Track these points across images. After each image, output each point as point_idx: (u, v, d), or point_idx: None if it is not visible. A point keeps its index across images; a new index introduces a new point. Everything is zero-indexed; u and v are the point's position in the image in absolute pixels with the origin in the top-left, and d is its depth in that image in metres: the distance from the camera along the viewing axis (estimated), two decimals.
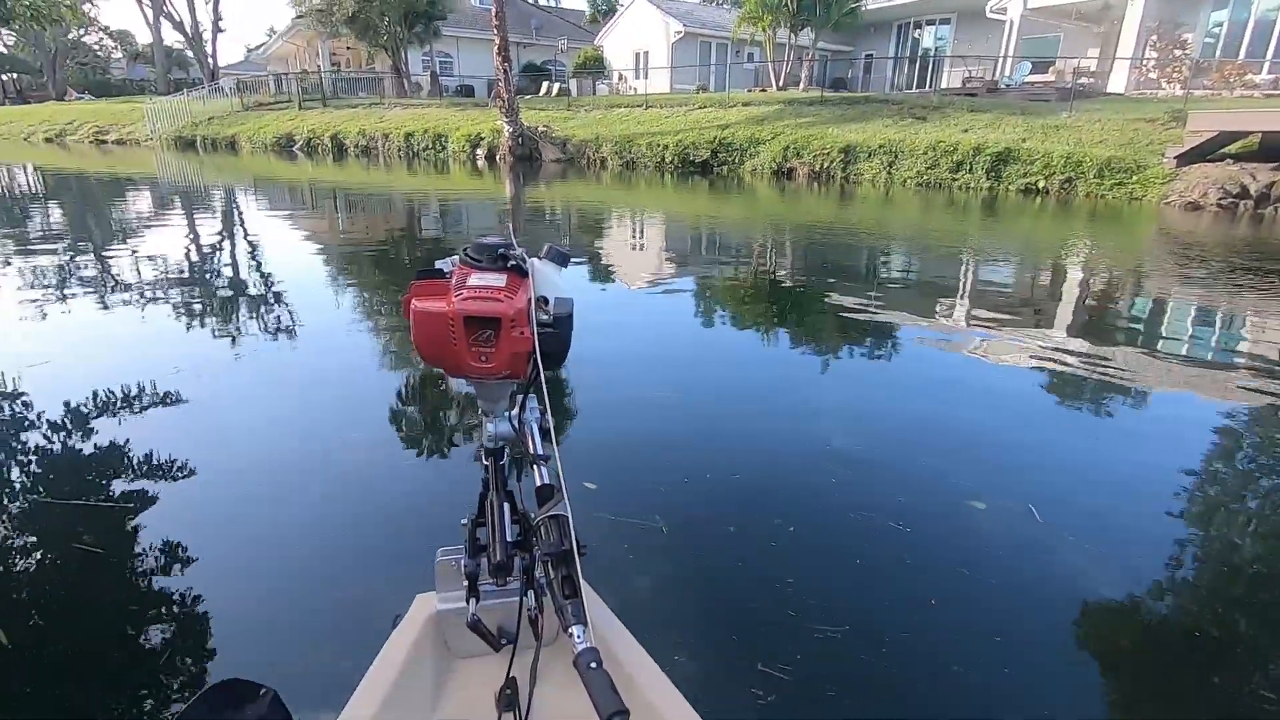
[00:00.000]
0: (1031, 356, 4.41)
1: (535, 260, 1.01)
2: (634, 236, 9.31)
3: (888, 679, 1.85)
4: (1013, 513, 2.60)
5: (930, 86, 22.84)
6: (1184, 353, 4.65)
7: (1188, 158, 12.33)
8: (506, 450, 1.15)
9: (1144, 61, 19.39)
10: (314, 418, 3.39)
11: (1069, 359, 4.36)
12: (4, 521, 2.44)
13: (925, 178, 14.59)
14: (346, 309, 5.35)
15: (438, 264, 0.98)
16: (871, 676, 1.86)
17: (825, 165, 15.72)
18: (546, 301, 0.96)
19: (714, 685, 1.84)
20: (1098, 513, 2.64)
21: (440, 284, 0.93)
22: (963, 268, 7.55)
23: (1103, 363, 4.30)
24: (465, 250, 0.99)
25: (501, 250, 0.97)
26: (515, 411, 1.11)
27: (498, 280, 0.93)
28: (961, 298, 6.11)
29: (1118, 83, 19.85)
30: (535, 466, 1.04)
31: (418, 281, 0.93)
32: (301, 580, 2.21)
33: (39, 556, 2.26)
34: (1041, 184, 13.34)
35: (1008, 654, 1.94)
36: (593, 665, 0.77)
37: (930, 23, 26.34)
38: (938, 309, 5.66)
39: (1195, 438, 3.36)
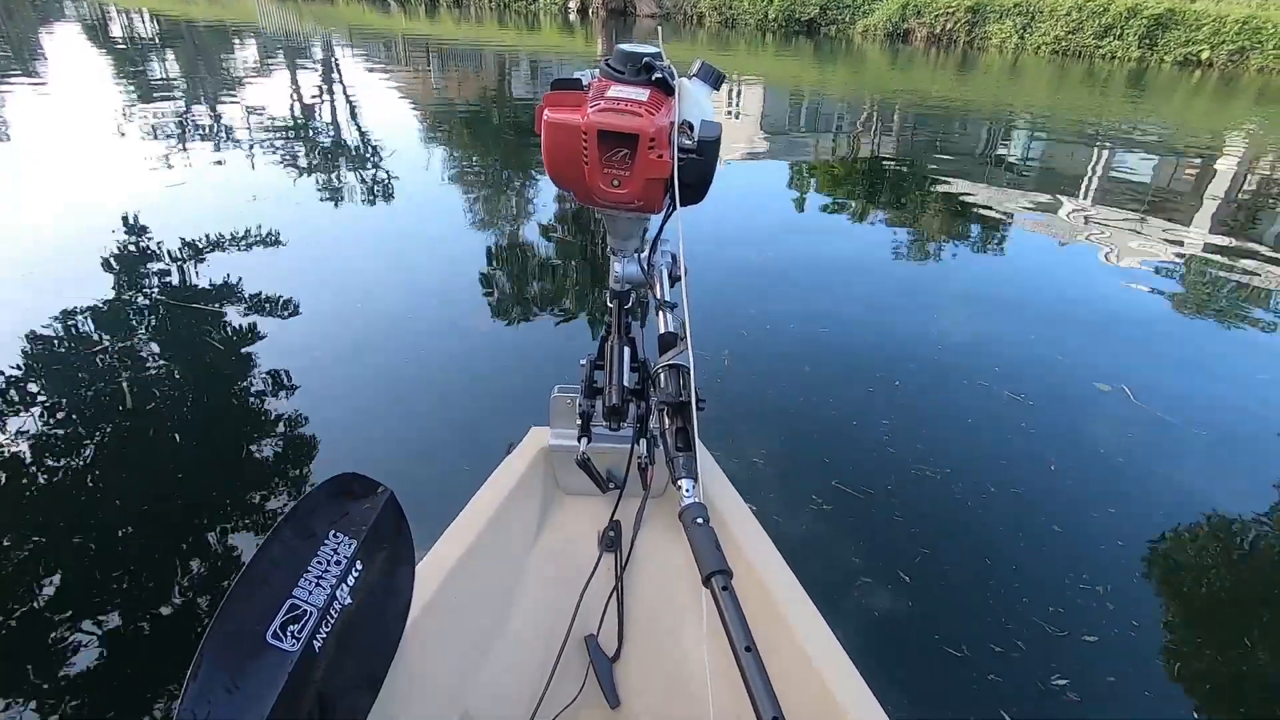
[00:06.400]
0: (1160, 254, 4.12)
1: (684, 79, 0.91)
2: (727, 103, 8.87)
3: (975, 518, 1.90)
4: (1139, 400, 2.54)
5: None
6: None
7: None
8: (633, 294, 1.11)
9: None
10: (445, 262, 3.62)
11: (1203, 260, 4.04)
12: (154, 315, 2.84)
13: (1064, 44, 12.93)
14: (448, 167, 5.50)
15: (576, 74, 0.90)
16: (960, 517, 1.90)
17: (948, 26, 14.12)
18: (691, 128, 0.86)
19: (769, 486, 1.94)
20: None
21: (576, 94, 0.84)
22: (1094, 152, 6.86)
23: (1249, 270, 3.96)
24: (606, 60, 0.89)
25: (647, 60, 0.86)
26: (645, 254, 1.06)
27: (639, 94, 0.83)
28: (1087, 189, 5.62)
29: None
30: (661, 312, 1.01)
31: (552, 92, 0.85)
32: (420, 400, 2.38)
33: (177, 345, 2.62)
34: (1205, 54, 11.57)
35: (1124, 528, 1.86)
36: (698, 521, 0.75)
37: None
38: (1061, 197, 5.26)
39: None
